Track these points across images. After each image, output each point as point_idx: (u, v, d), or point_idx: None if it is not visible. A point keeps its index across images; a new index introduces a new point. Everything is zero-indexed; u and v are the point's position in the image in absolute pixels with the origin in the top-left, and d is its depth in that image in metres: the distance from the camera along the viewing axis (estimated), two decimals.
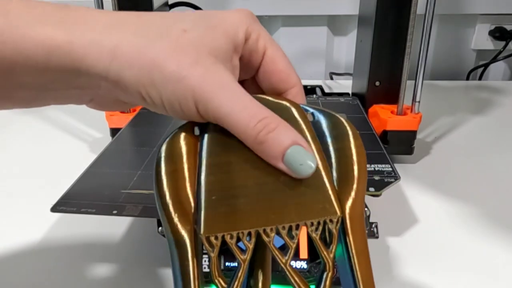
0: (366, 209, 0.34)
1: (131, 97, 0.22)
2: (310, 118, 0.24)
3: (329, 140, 0.23)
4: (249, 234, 0.19)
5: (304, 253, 0.35)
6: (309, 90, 0.76)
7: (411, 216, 0.46)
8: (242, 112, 0.20)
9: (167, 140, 0.23)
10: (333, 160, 0.22)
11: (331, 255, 0.20)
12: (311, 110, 0.25)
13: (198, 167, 0.21)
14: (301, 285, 0.19)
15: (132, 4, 0.53)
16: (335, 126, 0.23)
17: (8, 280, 0.38)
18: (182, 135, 0.23)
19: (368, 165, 0.44)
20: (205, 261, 0.36)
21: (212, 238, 0.19)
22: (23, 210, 0.47)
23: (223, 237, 0.19)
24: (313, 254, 0.35)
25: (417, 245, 0.41)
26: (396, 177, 0.41)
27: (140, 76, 0.21)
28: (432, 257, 0.40)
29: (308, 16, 0.89)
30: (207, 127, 0.23)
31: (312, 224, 0.20)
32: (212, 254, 0.19)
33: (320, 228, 0.20)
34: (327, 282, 0.19)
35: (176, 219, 0.20)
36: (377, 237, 0.38)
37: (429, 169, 0.55)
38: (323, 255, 0.20)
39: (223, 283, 0.19)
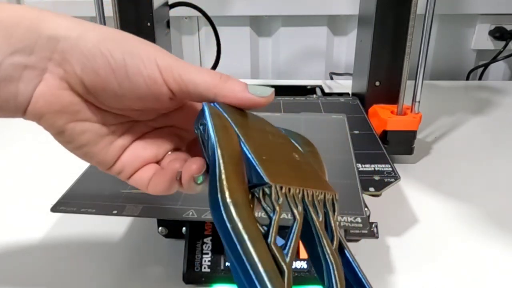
0: (366, 209, 0.34)
1: (87, 57, 0.22)
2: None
3: (300, 145, 0.28)
4: (299, 192, 0.21)
5: (304, 253, 0.35)
6: (309, 90, 0.76)
7: (411, 216, 0.46)
8: (208, 72, 0.23)
9: (206, 113, 0.23)
10: (309, 158, 0.26)
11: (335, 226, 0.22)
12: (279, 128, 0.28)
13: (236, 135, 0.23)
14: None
15: (132, 4, 0.53)
16: (299, 137, 0.29)
17: (8, 280, 0.38)
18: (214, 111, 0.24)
19: (368, 165, 0.44)
20: (205, 261, 0.36)
21: (278, 188, 0.20)
22: (23, 210, 0.47)
23: (287, 188, 0.20)
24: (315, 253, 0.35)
25: (417, 245, 0.41)
26: (396, 177, 0.41)
27: (103, 34, 0.23)
28: (432, 257, 0.40)
29: (308, 16, 0.89)
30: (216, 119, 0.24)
31: (330, 196, 0.23)
32: (276, 206, 0.19)
33: (337, 205, 0.23)
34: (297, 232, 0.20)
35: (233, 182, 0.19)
36: (377, 237, 0.38)
37: (429, 169, 0.55)
38: (335, 226, 0.22)
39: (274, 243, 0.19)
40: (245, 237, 0.17)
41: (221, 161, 0.20)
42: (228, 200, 0.18)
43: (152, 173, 0.26)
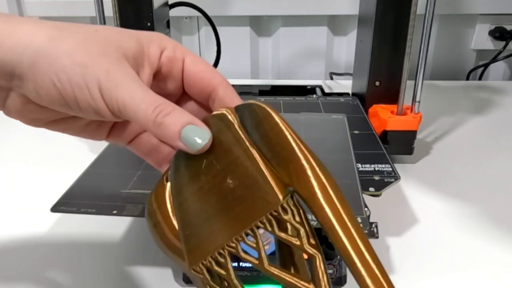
0: (366, 209, 0.34)
1: (41, 87, 0.23)
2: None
3: (254, 128, 0.22)
4: (220, 254, 0.20)
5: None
6: (309, 90, 0.76)
7: (411, 216, 0.46)
8: (142, 100, 0.22)
9: (153, 192, 0.25)
10: (264, 148, 0.21)
11: (305, 243, 0.18)
12: (238, 106, 0.24)
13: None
14: (283, 276, 0.19)
15: (132, 4, 0.53)
16: (254, 114, 0.22)
17: (8, 279, 0.38)
18: (160, 186, 0.25)
19: (368, 165, 0.44)
20: None
21: (198, 269, 0.21)
22: (23, 209, 0.47)
23: (204, 264, 0.21)
24: None
25: (417, 245, 0.41)
26: (396, 177, 0.41)
27: (52, 63, 0.22)
28: (432, 257, 0.40)
29: (308, 16, 0.89)
30: (171, 170, 0.25)
31: (262, 222, 0.19)
32: (203, 279, 0.21)
33: (274, 222, 0.19)
34: (321, 269, 0.18)
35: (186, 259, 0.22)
36: (377, 237, 0.38)
37: (429, 169, 0.55)
38: (295, 246, 0.19)
39: None
40: None
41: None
42: None
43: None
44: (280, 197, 0.19)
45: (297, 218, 0.19)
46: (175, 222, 0.23)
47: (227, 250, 0.20)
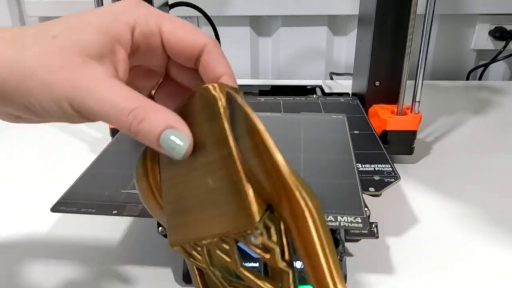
0: (366, 209, 0.34)
1: (18, 108, 0.22)
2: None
3: (243, 138, 0.19)
4: (197, 245, 0.21)
5: None
6: (309, 90, 0.76)
7: (411, 216, 0.46)
8: (113, 109, 0.21)
9: (138, 160, 0.25)
10: (252, 160, 0.18)
11: (274, 259, 0.18)
12: (232, 101, 0.20)
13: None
14: (256, 281, 0.18)
15: None
16: (246, 123, 0.18)
17: (8, 279, 0.38)
18: (146, 154, 0.25)
19: (368, 165, 0.44)
20: None
21: (179, 248, 0.21)
22: (23, 210, 0.47)
23: (182, 247, 0.21)
24: None
25: (417, 245, 0.41)
26: (396, 177, 0.41)
27: (18, 88, 0.21)
28: (432, 257, 0.40)
29: (308, 16, 0.89)
30: None
31: (236, 234, 0.18)
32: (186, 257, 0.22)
33: (247, 239, 0.18)
34: (292, 285, 0.18)
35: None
36: (377, 237, 0.38)
37: (429, 169, 0.55)
38: (265, 261, 0.18)
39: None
40: None
41: None
42: None
43: None
44: (257, 218, 0.17)
45: (274, 237, 0.18)
46: (157, 194, 0.24)
47: (205, 245, 0.20)
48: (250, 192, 0.18)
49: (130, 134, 0.21)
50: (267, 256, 0.18)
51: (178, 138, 0.21)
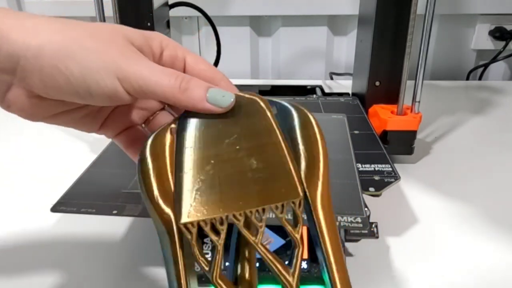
0: (366, 209, 0.34)
1: (47, 76, 0.22)
2: (274, 111, 0.27)
3: (297, 128, 0.25)
4: (221, 220, 0.21)
5: (304, 253, 0.35)
6: (309, 90, 0.76)
7: (411, 216, 0.46)
8: (161, 73, 0.23)
9: (150, 141, 0.25)
10: (301, 146, 0.24)
11: (298, 234, 0.21)
12: (276, 101, 0.27)
13: (176, 163, 0.24)
14: (274, 262, 0.21)
15: (132, 4, 0.53)
16: (300, 116, 0.26)
17: (8, 279, 0.38)
18: (161, 136, 0.25)
19: (368, 165, 0.44)
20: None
21: (190, 225, 0.21)
22: (23, 210, 0.47)
23: (198, 223, 0.21)
24: (314, 253, 0.35)
25: (417, 245, 0.41)
26: (396, 177, 0.42)
27: (60, 49, 0.22)
28: (432, 257, 0.40)
29: (308, 16, 0.89)
30: (180, 127, 0.25)
31: (276, 207, 0.21)
32: (190, 238, 0.21)
33: (285, 210, 0.21)
34: (298, 258, 0.21)
35: (166, 211, 0.22)
36: (377, 237, 0.38)
37: (429, 169, 0.55)
38: (290, 233, 0.21)
39: (205, 267, 0.21)
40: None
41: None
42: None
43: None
44: (301, 193, 0.22)
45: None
46: (170, 176, 0.24)
47: (231, 219, 0.21)
48: (295, 171, 0.23)
49: (178, 92, 0.23)
50: (293, 230, 0.21)
51: (223, 93, 0.24)
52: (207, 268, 0.21)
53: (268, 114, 0.25)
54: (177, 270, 0.22)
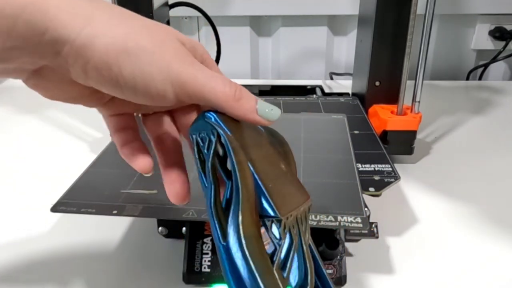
0: (366, 209, 0.34)
1: (93, 69, 0.21)
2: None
3: (276, 145, 0.27)
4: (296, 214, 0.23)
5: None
6: (309, 90, 0.76)
7: (411, 216, 0.46)
8: (217, 80, 0.23)
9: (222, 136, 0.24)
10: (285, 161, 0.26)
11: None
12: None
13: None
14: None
15: (132, 4, 0.53)
16: (274, 135, 0.28)
17: (8, 280, 0.38)
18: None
19: (368, 165, 0.44)
20: (205, 261, 0.36)
21: (286, 220, 0.22)
22: (23, 210, 0.47)
23: (288, 218, 0.22)
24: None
25: (417, 245, 0.41)
26: (396, 177, 0.41)
27: (114, 45, 0.21)
28: (432, 257, 0.40)
29: (308, 16, 0.89)
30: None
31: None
32: (283, 236, 0.22)
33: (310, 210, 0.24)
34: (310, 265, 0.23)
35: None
36: (377, 237, 0.38)
37: (429, 169, 0.55)
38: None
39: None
40: (257, 275, 0.19)
41: (241, 196, 0.21)
42: (242, 235, 0.20)
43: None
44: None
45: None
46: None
47: (304, 211, 0.23)
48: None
49: (233, 99, 0.23)
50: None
51: (270, 106, 0.24)
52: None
53: (262, 132, 0.27)
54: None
